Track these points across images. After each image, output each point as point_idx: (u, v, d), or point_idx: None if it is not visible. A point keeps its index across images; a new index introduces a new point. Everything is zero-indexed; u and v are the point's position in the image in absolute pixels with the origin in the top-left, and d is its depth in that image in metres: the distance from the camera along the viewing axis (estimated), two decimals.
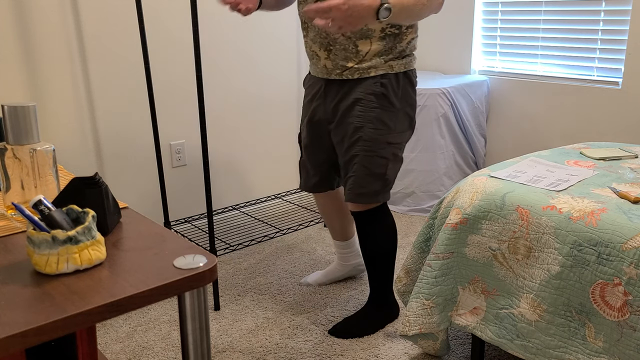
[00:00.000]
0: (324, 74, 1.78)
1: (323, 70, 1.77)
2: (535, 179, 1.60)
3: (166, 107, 2.55)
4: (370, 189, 1.78)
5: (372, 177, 1.77)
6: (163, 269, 0.81)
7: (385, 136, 1.74)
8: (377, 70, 1.71)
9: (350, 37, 1.68)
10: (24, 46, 2.13)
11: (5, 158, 1.00)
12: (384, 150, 1.75)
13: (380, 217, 1.86)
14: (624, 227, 1.29)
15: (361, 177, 1.77)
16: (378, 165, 1.75)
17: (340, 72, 1.73)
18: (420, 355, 1.84)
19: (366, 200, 1.80)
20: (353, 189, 1.78)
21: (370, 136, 1.73)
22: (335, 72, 1.74)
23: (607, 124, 2.77)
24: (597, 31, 2.74)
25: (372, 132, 1.73)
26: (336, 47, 1.70)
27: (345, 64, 1.71)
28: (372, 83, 1.71)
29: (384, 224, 1.88)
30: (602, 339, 1.33)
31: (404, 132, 1.79)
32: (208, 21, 2.60)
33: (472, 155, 3.17)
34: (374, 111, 1.72)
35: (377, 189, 1.79)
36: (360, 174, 1.76)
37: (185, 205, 2.72)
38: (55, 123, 2.25)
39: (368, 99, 1.72)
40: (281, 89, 2.96)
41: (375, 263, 1.92)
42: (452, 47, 3.34)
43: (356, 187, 1.78)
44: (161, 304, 2.18)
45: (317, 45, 1.74)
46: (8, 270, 0.82)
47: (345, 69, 1.72)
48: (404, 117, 1.77)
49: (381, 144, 1.74)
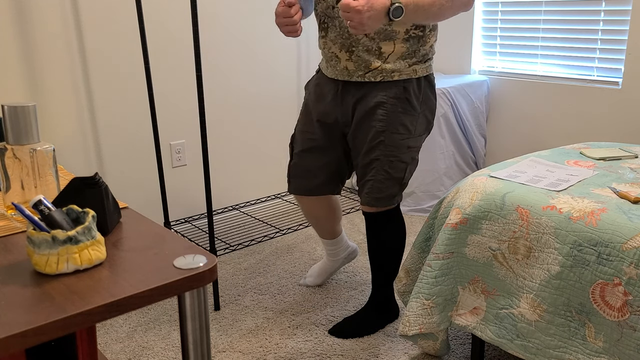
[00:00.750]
0: (345, 75, 1.73)
1: (344, 72, 1.73)
2: (535, 179, 1.60)
3: (166, 107, 2.55)
4: (388, 192, 1.77)
5: (391, 182, 1.76)
6: (163, 269, 0.81)
7: (406, 140, 1.73)
8: (401, 75, 1.69)
9: (374, 38, 1.65)
10: (24, 46, 2.13)
11: (5, 158, 1.00)
12: (404, 154, 1.74)
13: (394, 219, 1.86)
14: (624, 227, 1.29)
15: (380, 182, 1.75)
16: (398, 169, 1.75)
17: (362, 74, 1.70)
18: (420, 355, 1.84)
19: (384, 204, 1.79)
20: (371, 193, 1.77)
21: (393, 141, 1.71)
22: (358, 74, 1.71)
23: (607, 124, 2.77)
24: (597, 31, 2.74)
25: (395, 136, 1.71)
26: (359, 49, 1.67)
27: (369, 65, 1.68)
28: (395, 87, 1.69)
29: (396, 226, 1.87)
30: (602, 339, 1.33)
31: (422, 135, 1.79)
32: (208, 21, 2.60)
33: (472, 155, 3.17)
34: (397, 116, 1.70)
35: (395, 192, 1.78)
36: (379, 178, 1.75)
37: (185, 205, 2.72)
38: (55, 123, 2.25)
39: (391, 103, 1.69)
40: (281, 89, 2.96)
41: (382, 264, 1.92)
42: (452, 47, 3.34)
43: (374, 191, 1.76)
44: (161, 304, 2.18)
45: (338, 47, 1.70)
46: (8, 270, 0.82)
47: (368, 70, 1.69)
48: (423, 121, 1.76)
49: (403, 148, 1.73)
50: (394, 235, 1.88)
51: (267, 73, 2.87)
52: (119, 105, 2.40)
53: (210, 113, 2.71)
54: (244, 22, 2.73)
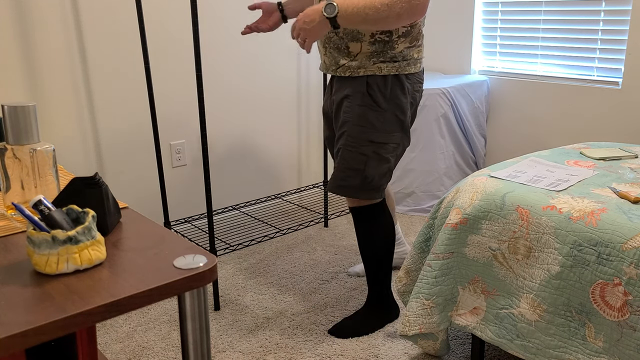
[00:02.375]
0: (324, 69, 1.88)
1: (323, 66, 1.88)
2: (535, 179, 1.60)
3: (166, 107, 2.55)
4: (348, 182, 1.81)
5: (351, 172, 1.81)
6: (163, 269, 0.81)
7: (367, 134, 1.77)
8: (365, 71, 1.76)
9: (342, 37, 1.75)
10: (24, 46, 2.13)
11: (5, 158, 1.00)
12: (365, 147, 1.78)
13: (375, 216, 1.88)
14: (624, 227, 1.29)
15: (341, 170, 1.82)
16: (357, 161, 1.79)
17: (335, 68, 1.82)
18: (420, 355, 1.84)
19: (344, 193, 1.83)
20: (333, 180, 1.85)
21: (353, 132, 1.79)
22: (332, 69, 1.83)
23: (607, 124, 2.77)
24: (597, 31, 2.74)
25: (355, 128, 1.78)
26: (331, 45, 1.79)
27: (338, 61, 1.79)
28: (359, 82, 1.77)
29: (379, 223, 1.89)
30: (602, 339, 1.33)
31: (391, 133, 1.80)
32: (208, 21, 2.60)
33: (472, 155, 3.17)
34: (358, 108, 1.77)
35: (356, 184, 1.81)
36: (340, 167, 1.82)
37: (185, 205, 2.72)
38: (55, 123, 2.25)
39: (354, 97, 1.78)
40: (282, 89, 2.96)
41: (370, 263, 1.93)
42: (452, 47, 3.34)
43: (336, 179, 1.84)
44: (161, 304, 2.18)
45: (320, 42, 1.84)
46: (8, 270, 0.82)
47: (339, 66, 1.80)
48: (391, 118, 1.79)
49: (362, 141, 1.78)
50: (377, 233, 1.90)
51: (267, 73, 2.87)
52: (119, 105, 2.40)
53: (210, 113, 2.71)
54: (244, 22, 2.73)
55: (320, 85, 3.12)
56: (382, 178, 1.83)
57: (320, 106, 3.16)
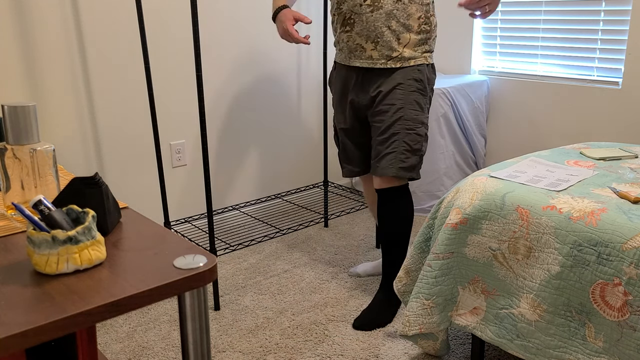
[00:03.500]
0: (369, 63, 1.95)
1: (368, 61, 1.95)
2: (535, 179, 1.60)
3: (166, 107, 2.55)
4: (410, 163, 1.94)
5: (411, 153, 1.93)
6: (163, 269, 0.81)
7: (420, 116, 1.95)
8: (416, 61, 1.95)
9: (395, 30, 1.89)
10: (24, 46, 2.13)
11: (5, 158, 1.00)
12: (420, 129, 1.95)
13: (404, 195, 2.00)
14: (624, 227, 1.29)
15: (402, 152, 1.93)
16: (416, 142, 1.94)
17: (385, 61, 1.93)
18: (420, 355, 1.84)
19: (406, 174, 1.94)
20: (394, 164, 1.93)
21: (411, 116, 1.93)
22: (381, 62, 1.93)
23: (607, 124, 2.77)
24: (597, 31, 2.74)
25: (412, 112, 1.93)
26: (383, 39, 1.90)
27: (391, 53, 1.92)
28: (411, 70, 1.94)
29: (407, 202, 2.01)
30: (602, 339, 1.33)
31: (428, 115, 2.02)
32: (208, 21, 2.60)
33: (472, 155, 3.17)
34: (413, 94, 1.93)
35: (415, 163, 1.95)
36: (400, 149, 1.92)
37: (185, 205, 2.72)
38: (55, 123, 2.25)
39: (408, 84, 1.93)
40: (282, 89, 2.96)
41: (392, 245, 2.01)
42: (452, 47, 3.34)
43: (397, 162, 1.93)
44: (161, 304, 2.18)
45: (364, 39, 1.92)
46: (8, 270, 0.82)
47: (390, 58, 1.92)
48: (429, 101, 2.02)
49: (418, 123, 1.94)
50: (404, 213, 2.01)
51: (267, 73, 2.87)
52: (119, 105, 2.40)
53: (210, 113, 2.71)
54: (244, 22, 2.72)
55: (320, 85, 3.12)
56: None
57: (320, 106, 3.16)
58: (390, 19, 1.87)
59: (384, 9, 1.85)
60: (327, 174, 2.89)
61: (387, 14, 1.86)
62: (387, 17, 1.86)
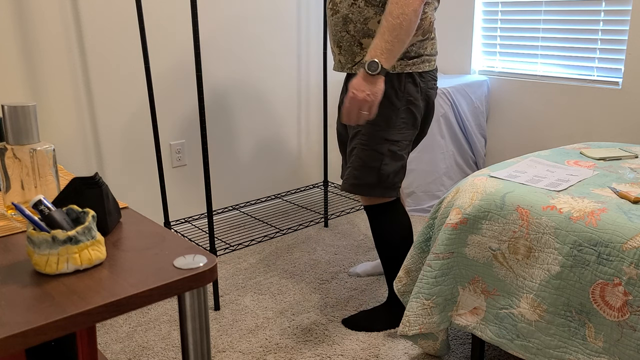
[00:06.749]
0: (339, 68, 1.88)
1: (338, 65, 1.88)
2: (535, 179, 1.60)
3: (166, 107, 2.55)
4: (364, 180, 1.82)
5: (366, 170, 1.81)
6: (163, 269, 0.81)
7: (382, 132, 1.79)
8: None
9: (354, 35, 1.76)
10: (24, 46, 2.13)
11: (5, 158, 1.00)
12: (380, 145, 1.80)
13: (390, 214, 1.89)
14: (624, 227, 1.29)
15: (356, 169, 1.82)
16: (373, 159, 1.80)
17: (350, 66, 1.82)
18: (420, 355, 1.84)
19: (360, 192, 1.84)
20: (348, 179, 1.85)
21: (368, 131, 1.80)
22: (347, 67, 1.84)
23: (607, 124, 2.77)
24: (597, 31, 2.74)
25: (370, 127, 1.79)
26: (344, 44, 1.80)
27: (354, 58, 1.80)
28: None
29: (394, 222, 1.90)
30: (602, 339, 1.33)
31: (404, 131, 1.81)
32: (208, 21, 2.60)
33: (472, 155, 3.17)
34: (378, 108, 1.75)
35: (372, 182, 1.82)
36: (355, 165, 1.83)
37: (185, 205, 2.72)
38: (55, 123, 2.25)
39: None
40: (282, 89, 2.96)
41: (387, 261, 1.95)
42: (452, 47, 3.34)
43: (351, 178, 1.84)
44: (161, 304, 2.18)
45: (333, 42, 1.85)
46: (8, 270, 0.82)
47: (355, 63, 1.81)
48: (406, 116, 1.80)
49: (378, 139, 1.79)
50: (391, 231, 1.91)
51: (267, 73, 2.87)
52: (119, 105, 2.40)
53: (210, 113, 2.71)
54: (245, 22, 2.72)
55: (320, 85, 3.12)
56: (397, 175, 1.85)
57: (320, 106, 3.16)
58: (347, 24, 1.75)
59: (340, 13, 1.76)
60: (327, 174, 2.89)
61: (344, 18, 1.75)
62: (344, 21, 1.75)
